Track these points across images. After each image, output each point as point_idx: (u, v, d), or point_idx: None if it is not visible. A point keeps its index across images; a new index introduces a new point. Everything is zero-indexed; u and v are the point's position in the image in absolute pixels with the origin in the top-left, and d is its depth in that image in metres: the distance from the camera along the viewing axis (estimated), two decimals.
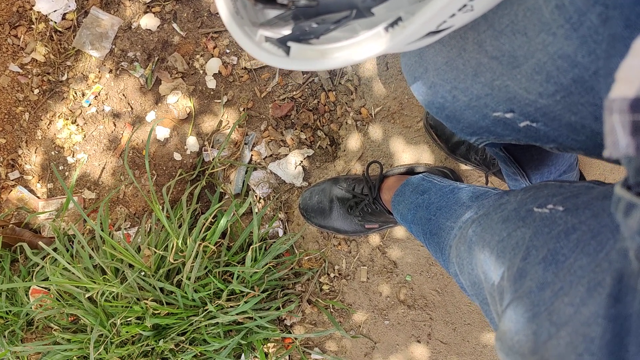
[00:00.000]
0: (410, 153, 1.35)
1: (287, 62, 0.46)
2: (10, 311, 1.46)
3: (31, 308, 1.44)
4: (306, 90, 1.48)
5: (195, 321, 1.31)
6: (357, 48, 0.43)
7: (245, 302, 1.29)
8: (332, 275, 1.39)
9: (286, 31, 0.50)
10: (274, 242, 1.41)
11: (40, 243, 1.32)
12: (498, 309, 0.58)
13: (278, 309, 1.38)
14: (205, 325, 1.32)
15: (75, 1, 1.57)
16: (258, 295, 1.32)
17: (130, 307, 1.29)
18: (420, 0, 0.54)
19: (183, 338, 1.32)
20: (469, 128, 0.68)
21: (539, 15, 0.47)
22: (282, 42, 0.46)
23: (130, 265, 1.40)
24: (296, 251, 1.42)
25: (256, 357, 1.40)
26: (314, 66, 0.45)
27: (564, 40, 0.45)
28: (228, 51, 1.52)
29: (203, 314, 1.30)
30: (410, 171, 1.29)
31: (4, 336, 1.46)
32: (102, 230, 1.36)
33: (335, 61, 0.44)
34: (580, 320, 0.42)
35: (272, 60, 0.46)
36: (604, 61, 0.40)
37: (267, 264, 1.34)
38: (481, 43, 0.55)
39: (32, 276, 1.46)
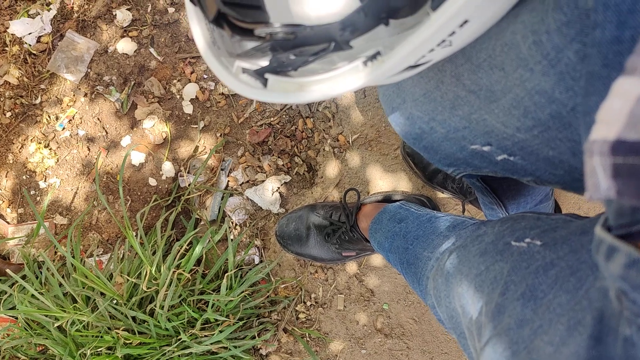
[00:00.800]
0: (387, 180, 1.35)
1: (265, 95, 0.45)
2: None
3: None
4: (284, 116, 1.48)
5: (168, 351, 1.28)
6: (336, 81, 0.43)
7: (220, 332, 1.27)
8: (308, 303, 1.38)
9: (263, 62, 0.49)
10: (250, 269, 1.39)
11: (8, 270, 1.28)
12: (476, 344, 0.57)
13: (253, 338, 1.35)
14: (179, 356, 1.29)
15: (51, 24, 1.55)
16: (233, 324, 1.30)
17: (101, 337, 1.26)
18: (399, 33, 0.54)
19: None
20: (446, 159, 0.68)
21: (516, 51, 0.47)
22: (260, 74, 0.46)
23: (102, 294, 1.37)
24: (272, 279, 1.40)
25: None
26: (292, 99, 0.44)
27: (542, 77, 0.46)
28: (205, 76, 1.52)
29: (176, 344, 1.27)
30: (387, 199, 1.29)
31: None
32: (73, 257, 1.33)
33: (313, 94, 0.44)
34: None
35: (249, 93, 0.45)
36: (582, 98, 0.40)
37: (242, 292, 1.32)
38: (459, 76, 0.55)
39: None
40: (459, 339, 0.69)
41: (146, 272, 1.30)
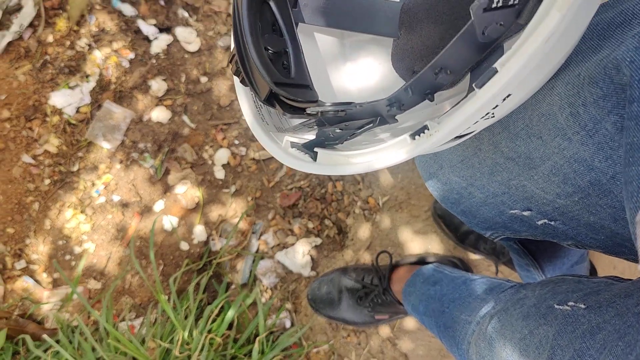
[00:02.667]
0: (418, 242, 1.36)
1: (315, 168, 0.47)
2: None
3: None
4: (313, 180, 1.50)
5: None
6: (383, 154, 0.45)
7: None
8: None
9: (310, 136, 0.51)
10: (282, 333, 1.38)
11: (44, 336, 1.30)
12: None
13: None
14: None
15: (90, 95, 1.62)
16: None
17: None
18: (437, 104, 0.56)
19: None
20: (484, 223, 0.69)
21: (553, 121, 0.49)
22: (309, 148, 0.48)
23: (134, 359, 1.37)
24: (304, 343, 1.39)
25: None
26: (341, 171, 0.46)
27: (580, 146, 0.47)
28: (237, 142, 1.56)
29: None
30: (420, 261, 1.29)
31: None
32: (106, 321, 1.34)
33: (360, 167, 0.45)
34: None
35: (300, 166, 0.48)
36: (623, 168, 0.41)
37: (274, 356, 1.31)
38: (497, 144, 0.57)
39: None
40: None
41: (179, 337, 1.30)
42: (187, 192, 1.55)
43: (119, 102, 1.62)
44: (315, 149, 0.47)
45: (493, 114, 0.43)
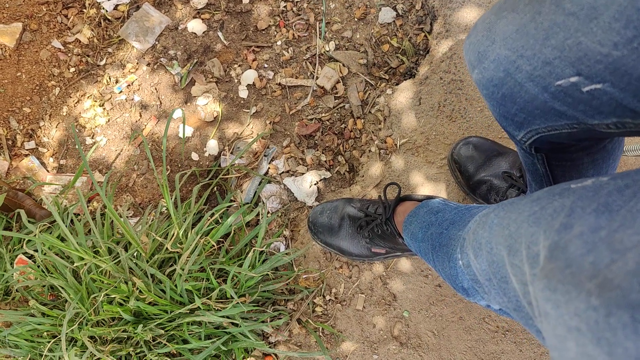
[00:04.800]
0: (429, 188, 1.34)
1: None
2: None
3: (12, 276, 1.38)
4: (335, 114, 1.49)
5: (179, 316, 1.25)
6: None
7: (234, 307, 1.24)
8: (327, 298, 1.34)
9: None
10: (275, 254, 1.37)
11: (46, 203, 1.29)
12: (526, 276, 0.54)
13: (265, 322, 1.31)
14: (188, 323, 1.26)
15: None
16: (248, 303, 1.27)
17: (117, 286, 1.24)
18: None
19: (162, 332, 1.26)
20: (522, 111, 0.68)
21: None
22: None
23: (126, 248, 1.36)
24: (295, 268, 1.38)
25: None
26: None
27: None
28: (266, 66, 1.55)
29: (188, 309, 1.24)
30: (427, 199, 1.27)
31: None
32: (104, 210, 1.33)
33: None
34: None
35: None
36: None
37: (263, 272, 1.30)
38: (559, 2, 0.56)
39: (22, 245, 1.41)
40: (499, 285, 0.66)
41: (174, 233, 1.29)
42: (207, 105, 1.54)
43: (158, 7, 1.62)
44: None
45: None
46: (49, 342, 1.31)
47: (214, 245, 1.32)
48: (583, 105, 0.60)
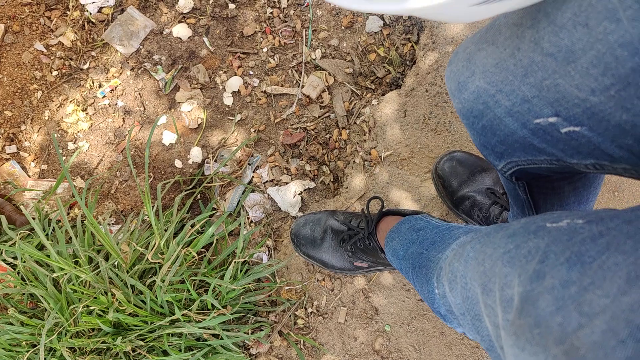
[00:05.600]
0: (412, 202, 1.34)
1: (367, 5, 0.45)
2: None
3: None
4: (320, 123, 1.48)
5: (159, 327, 1.24)
6: None
7: (214, 318, 1.23)
8: (309, 310, 1.34)
9: None
10: (257, 265, 1.36)
11: (25, 213, 1.27)
12: (499, 319, 0.54)
13: (247, 334, 1.31)
14: (168, 335, 1.25)
15: None
16: (229, 314, 1.26)
17: (96, 298, 1.23)
18: None
19: (142, 343, 1.25)
20: (502, 144, 0.67)
21: (605, 2, 0.47)
22: None
23: (106, 258, 1.35)
24: (277, 280, 1.37)
25: None
26: (390, 8, 0.44)
27: (629, 25, 0.45)
28: (252, 73, 1.54)
29: (169, 321, 1.23)
30: (411, 214, 1.27)
31: None
32: (85, 218, 1.32)
33: (411, 4, 0.43)
34: (620, 308, 0.38)
35: (351, 3, 0.45)
36: None
37: (245, 284, 1.29)
38: (538, 41, 0.55)
39: (1, 252, 1.40)
40: (472, 322, 0.65)
41: (155, 243, 1.28)
42: (192, 111, 1.53)
43: (143, 11, 1.60)
44: None
45: None
46: (27, 351, 1.30)
47: (195, 256, 1.31)
48: (562, 144, 0.60)
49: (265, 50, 1.56)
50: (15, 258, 1.38)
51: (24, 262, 1.30)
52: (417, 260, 0.92)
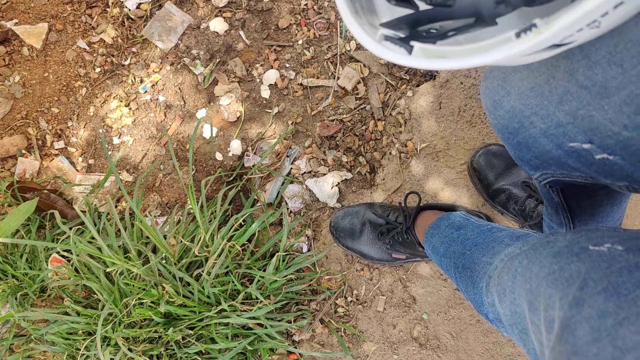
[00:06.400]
0: (448, 193, 1.36)
1: (410, 60, 0.47)
2: (27, 274, 1.47)
3: (47, 275, 1.45)
4: (356, 115, 1.51)
5: (207, 317, 1.31)
6: (483, 52, 0.44)
7: (259, 308, 1.29)
8: (349, 299, 1.39)
9: (402, 35, 0.52)
10: (297, 255, 1.41)
11: (76, 209, 1.34)
12: (543, 337, 0.57)
13: (289, 322, 1.37)
14: (216, 324, 1.32)
15: None
16: (273, 304, 1.32)
17: (147, 290, 1.30)
18: (545, 12, 0.55)
19: (191, 332, 1.32)
20: (537, 159, 0.69)
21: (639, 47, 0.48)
22: (404, 42, 0.48)
23: (154, 251, 1.41)
24: (318, 269, 1.42)
25: None
26: (440, 65, 0.46)
27: None
28: (287, 65, 1.57)
29: (216, 311, 1.30)
30: (447, 209, 1.30)
31: (16, 298, 1.47)
32: (133, 211, 1.38)
33: (459, 62, 0.45)
34: None
35: (395, 58, 0.48)
36: None
37: (287, 275, 1.35)
38: (573, 72, 0.56)
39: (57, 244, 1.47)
40: (519, 335, 0.68)
41: (200, 237, 1.34)
42: (230, 105, 1.57)
43: (180, 6, 1.63)
44: (411, 43, 0.47)
45: (599, 23, 0.43)
46: (84, 339, 1.38)
47: (238, 249, 1.37)
48: (595, 167, 0.62)
49: (300, 42, 1.58)
50: (67, 251, 1.46)
51: (78, 255, 1.38)
52: (460, 260, 0.95)
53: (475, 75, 1.39)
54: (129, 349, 1.29)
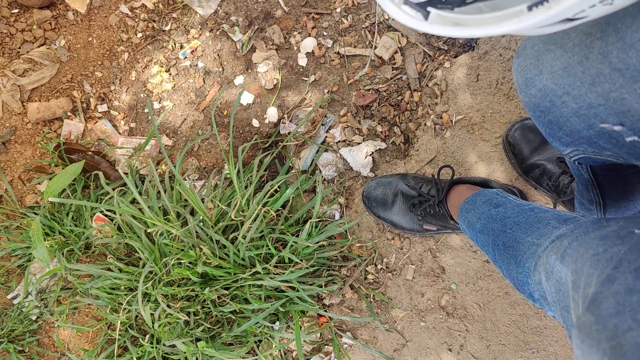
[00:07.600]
0: (482, 166, 1.37)
1: (426, 26, 0.49)
2: (72, 231, 1.55)
3: (92, 233, 1.52)
4: (392, 85, 1.51)
5: (241, 279, 1.36)
6: (495, 22, 0.46)
7: (292, 272, 1.34)
8: (379, 266, 1.42)
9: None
10: (330, 222, 1.45)
11: (119, 171, 1.40)
12: (580, 312, 0.60)
13: (320, 286, 1.41)
14: (250, 285, 1.37)
15: None
16: (305, 268, 1.36)
17: (185, 251, 1.35)
18: None
19: (226, 292, 1.38)
20: (568, 137, 0.70)
21: None
22: (421, 7, 0.50)
23: (192, 214, 1.47)
24: (349, 236, 1.46)
25: (290, 326, 1.44)
26: (452, 32, 0.48)
27: None
28: (325, 34, 1.57)
29: (250, 274, 1.35)
30: (482, 183, 1.31)
31: (62, 253, 1.55)
32: (172, 174, 1.43)
33: (471, 31, 0.47)
34: None
35: (411, 22, 0.49)
36: None
37: (319, 241, 1.39)
38: (607, 54, 0.57)
39: (101, 204, 1.54)
40: (561, 312, 0.71)
41: (237, 202, 1.38)
42: (267, 72, 1.59)
43: None
44: (429, 9, 0.49)
45: (612, 0, 0.43)
46: (126, 295, 1.46)
47: (273, 214, 1.41)
48: (626, 148, 0.63)
49: (338, 10, 1.58)
50: (110, 210, 1.52)
51: (121, 215, 1.44)
52: (501, 239, 0.96)
53: (515, 47, 1.38)
54: (168, 305, 1.36)
